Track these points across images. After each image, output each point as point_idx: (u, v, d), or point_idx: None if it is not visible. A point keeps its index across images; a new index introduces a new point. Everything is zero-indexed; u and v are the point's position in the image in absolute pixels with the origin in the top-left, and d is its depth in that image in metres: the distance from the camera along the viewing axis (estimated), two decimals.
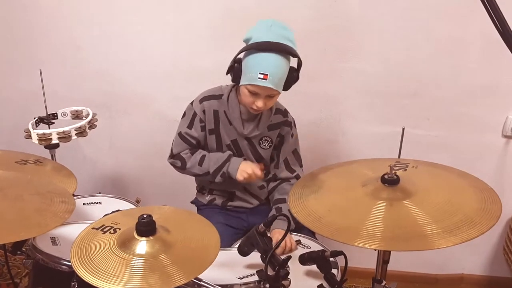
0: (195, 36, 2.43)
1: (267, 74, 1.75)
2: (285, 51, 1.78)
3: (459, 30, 2.22)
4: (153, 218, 1.28)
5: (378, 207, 1.32)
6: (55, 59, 2.57)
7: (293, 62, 1.83)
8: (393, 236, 1.24)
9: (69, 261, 1.52)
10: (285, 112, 2.03)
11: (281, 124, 2.01)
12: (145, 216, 1.25)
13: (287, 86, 1.86)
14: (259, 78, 1.76)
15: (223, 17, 2.36)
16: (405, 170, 1.47)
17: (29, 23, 2.56)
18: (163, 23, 2.45)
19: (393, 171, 1.38)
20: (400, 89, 2.36)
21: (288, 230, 1.50)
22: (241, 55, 1.85)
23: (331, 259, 1.61)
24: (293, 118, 2.05)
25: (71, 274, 1.53)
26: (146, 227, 1.25)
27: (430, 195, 1.35)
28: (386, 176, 1.38)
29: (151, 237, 1.26)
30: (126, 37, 2.50)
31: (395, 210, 1.32)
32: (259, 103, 1.83)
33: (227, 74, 1.88)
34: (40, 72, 2.05)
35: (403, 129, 1.69)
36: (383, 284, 1.50)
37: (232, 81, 1.88)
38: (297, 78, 1.87)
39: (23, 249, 1.74)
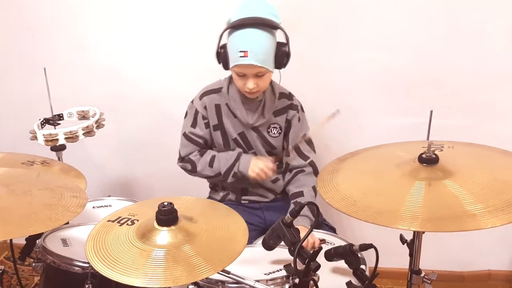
0: (203, 32, 2.34)
1: (246, 51, 1.67)
2: (262, 24, 1.69)
3: (481, 15, 2.14)
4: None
5: (416, 187, 1.22)
6: (59, 60, 2.48)
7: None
8: (438, 217, 1.14)
9: (83, 262, 1.45)
10: (290, 96, 1.94)
11: (287, 108, 1.92)
12: (166, 204, 1.15)
13: (279, 63, 1.75)
14: (240, 56, 1.68)
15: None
16: (441, 150, 1.38)
17: (31, 22, 2.49)
18: (170, 20, 2.38)
19: (431, 150, 1.28)
20: (419, 77, 2.26)
21: (317, 220, 1.40)
22: (224, 40, 1.76)
23: (359, 254, 1.50)
24: (299, 102, 1.95)
25: (85, 276, 1.45)
26: (167, 215, 1.15)
27: (472, 174, 1.25)
28: (424, 156, 1.28)
29: (173, 227, 1.16)
30: (132, 36, 2.43)
31: (436, 190, 1.22)
32: (250, 84, 1.74)
33: (219, 63, 1.80)
34: (45, 70, 1.97)
35: (431, 111, 1.60)
36: (422, 275, 1.39)
37: (224, 68, 1.80)
38: (288, 53, 1.76)
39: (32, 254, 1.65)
